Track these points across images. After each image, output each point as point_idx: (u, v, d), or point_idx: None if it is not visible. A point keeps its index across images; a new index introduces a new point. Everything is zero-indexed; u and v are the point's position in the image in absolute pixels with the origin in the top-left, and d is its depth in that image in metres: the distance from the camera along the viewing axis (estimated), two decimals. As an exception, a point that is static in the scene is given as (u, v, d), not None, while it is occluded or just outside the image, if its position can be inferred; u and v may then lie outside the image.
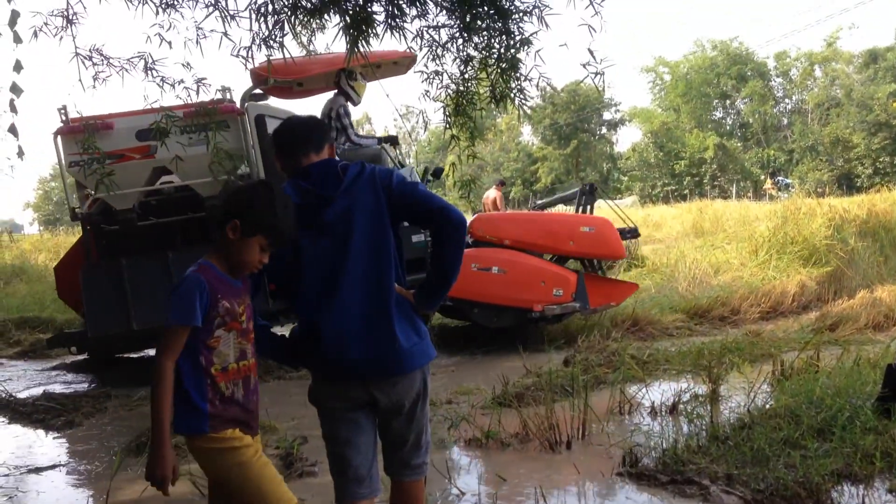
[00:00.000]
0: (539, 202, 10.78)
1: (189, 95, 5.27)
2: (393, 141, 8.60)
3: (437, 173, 8.38)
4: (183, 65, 5.20)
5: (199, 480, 4.33)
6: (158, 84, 5.20)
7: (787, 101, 51.81)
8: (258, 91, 7.74)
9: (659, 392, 5.71)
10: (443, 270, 2.71)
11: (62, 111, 6.82)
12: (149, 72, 5.15)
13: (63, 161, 6.79)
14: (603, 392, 5.75)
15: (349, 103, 8.17)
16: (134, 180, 6.87)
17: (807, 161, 43.67)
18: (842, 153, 42.47)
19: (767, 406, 4.90)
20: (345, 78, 8.07)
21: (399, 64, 8.29)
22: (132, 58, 5.16)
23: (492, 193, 16.69)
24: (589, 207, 9.25)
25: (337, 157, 2.81)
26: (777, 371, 5.74)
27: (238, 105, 7.09)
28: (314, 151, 2.69)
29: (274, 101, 8.25)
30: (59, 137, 6.78)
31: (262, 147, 7.04)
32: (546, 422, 4.76)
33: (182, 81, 5.22)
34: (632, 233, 8.99)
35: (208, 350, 2.43)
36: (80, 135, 6.62)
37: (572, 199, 9.96)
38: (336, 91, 8.21)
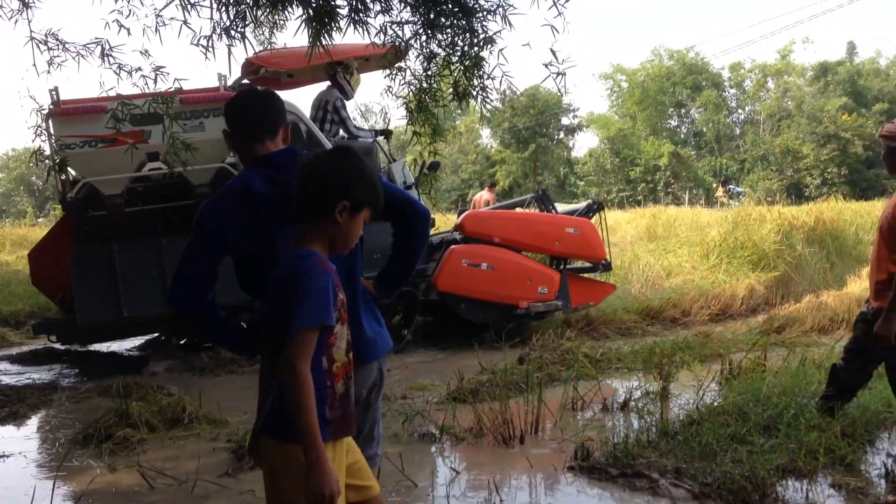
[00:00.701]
0: (492, 207, 11.01)
1: (146, 84, 5.20)
2: (387, 134, 8.77)
3: (434, 167, 8.54)
4: (141, 52, 5.13)
5: (148, 472, 4.30)
6: (115, 71, 5.12)
7: (739, 111, 52.81)
8: (245, 81, 7.75)
9: (611, 389, 5.80)
10: (407, 262, 2.74)
11: (54, 92, 6.71)
12: (106, 58, 5.06)
13: (54, 143, 6.70)
14: (556, 389, 5.82)
15: (343, 97, 8.24)
16: (125, 165, 6.79)
17: (758, 170, 44.57)
18: (791, 163, 43.38)
19: (716, 403, 5.01)
20: (341, 72, 8.08)
21: (387, 57, 8.41)
22: (89, 44, 5.07)
23: (485, 195, 16.89)
24: (553, 210, 9.48)
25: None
26: (725, 370, 5.86)
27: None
28: (269, 138, 2.60)
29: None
30: (50, 119, 6.67)
31: None
32: (500, 417, 4.80)
33: (140, 69, 5.15)
34: (598, 205, 9.45)
35: (329, 347, 2.22)
36: (72, 116, 6.52)
37: (523, 203, 10.22)
38: (329, 84, 8.22)
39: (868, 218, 14.50)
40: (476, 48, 4.80)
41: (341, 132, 8.25)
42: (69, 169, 6.90)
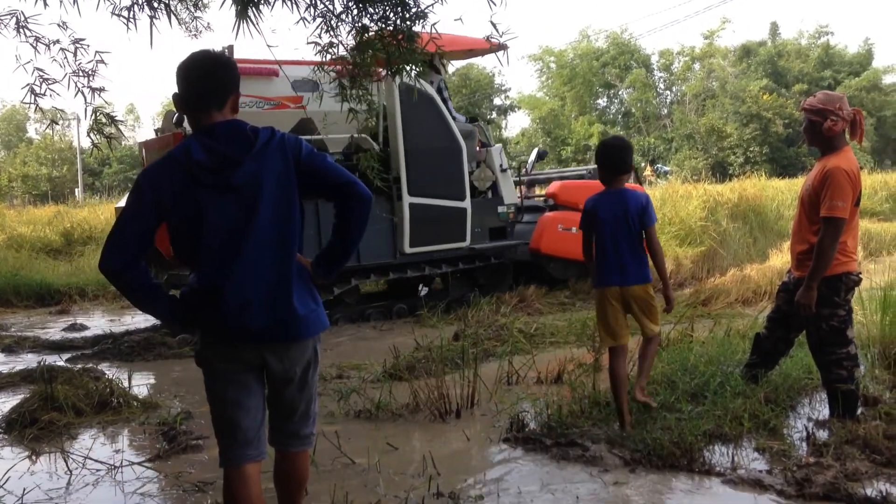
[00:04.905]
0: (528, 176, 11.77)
1: (66, 57, 5.00)
2: (476, 120, 9.63)
3: (542, 155, 10.20)
4: (59, 24, 4.93)
5: (74, 457, 4.19)
6: (31, 44, 4.92)
7: (667, 93, 53.86)
8: None
9: (545, 363, 5.87)
10: (346, 244, 2.70)
11: (226, 50, 6.53)
12: (21, 30, 4.85)
13: None
14: (492, 364, 5.87)
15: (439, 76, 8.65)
16: (283, 129, 6.73)
17: (684, 150, 45.57)
18: (716, 142, 44.49)
19: (646, 374, 5.12)
20: (437, 55, 8.37)
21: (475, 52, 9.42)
22: (3, 15, 4.86)
23: None
24: None
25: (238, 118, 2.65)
26: (655, 341, 5.98)
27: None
28: (216, 109, 2.55)
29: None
30: None
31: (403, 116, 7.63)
32: (436, 392, 4.82)
33: (58, 41, 4.95)
34: (544, 153, 11.02)
35: None
36: (246, 77, 6.41)
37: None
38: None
39: (788, 194, 15.00)
40: (408, 22, 4.75)
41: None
42: None
